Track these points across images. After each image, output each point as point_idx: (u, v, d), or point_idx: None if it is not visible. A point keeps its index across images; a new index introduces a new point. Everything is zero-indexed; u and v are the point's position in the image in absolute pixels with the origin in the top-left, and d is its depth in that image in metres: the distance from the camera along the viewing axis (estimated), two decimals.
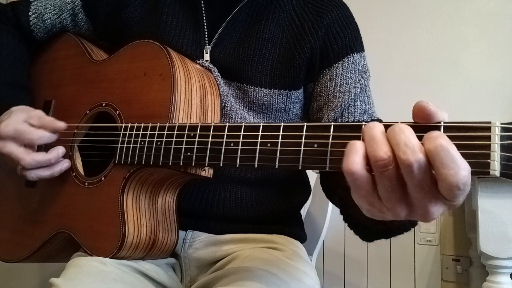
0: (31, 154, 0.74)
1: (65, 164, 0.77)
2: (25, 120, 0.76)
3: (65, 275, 0.68)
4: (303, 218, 0.97)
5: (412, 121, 0.44)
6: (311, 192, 0.98)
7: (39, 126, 0.76)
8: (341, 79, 0.80)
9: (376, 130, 0.41)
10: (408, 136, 0.39)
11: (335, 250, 1.60)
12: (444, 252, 1.50)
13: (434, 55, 1.57)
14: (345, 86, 0.80)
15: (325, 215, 1.13)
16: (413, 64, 1.59)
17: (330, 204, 1.14)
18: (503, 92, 1.46)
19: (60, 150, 0.76)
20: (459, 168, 0.37)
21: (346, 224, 0.67)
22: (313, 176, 1.16)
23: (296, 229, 0.90)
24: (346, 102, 0.79)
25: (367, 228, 0.59)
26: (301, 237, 0.90)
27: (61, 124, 0.77)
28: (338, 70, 0.81)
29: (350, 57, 0.82)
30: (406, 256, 1.52)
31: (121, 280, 0.67)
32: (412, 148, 0.39)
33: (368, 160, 0.41)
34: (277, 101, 0.82)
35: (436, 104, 0.43)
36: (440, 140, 0.38)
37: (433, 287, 1.48)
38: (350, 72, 0.81)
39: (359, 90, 0.80)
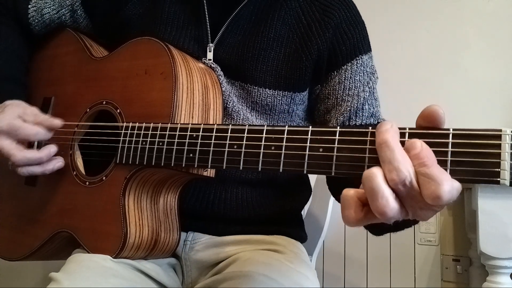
0: (23, 151, 0.72)
1: (58, 163, 0.76)
2: (20, 116, 0.74)
3: (65, 270, 0.67)
4: (303, 218, 0.97)
5: (418, 125, 0.44)
6: (312, 192, 0.98)
7: (35, 123, 0.74)
8: (350, 82, 0.79)
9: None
10: (394, 154, 0.41)
11: (335, 250, 1.60)
12: (444, 252, 1.49)
13: (434, 55, 1.56)
14: (354, 89, 0.79)
15: (325, 216, 1.13)
16: (412, 64, 1.58)
17: (330, 204, 1.14)
18: (504, 92, 1.46)
19: (52, 148, 0.74)
20: (439, 185, 0.39)
21: None
22: (313, 176, 1.15)
23: (297, 229, 0.89)
24: (355, 107, 0.78)
25: (376, 225, 0.61)
26: (302, 237, 0.90)
27: (57, 122, 0.75)
28: (347, 73, 0.79)
29: (359, 59, 0.80)
30: (406, 256, 1.52)
31: (121, 276, 0.67)
32: (397, 167, 0.41)
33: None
34: (281, 103, 0.81)
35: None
36: (424, 168, 0.40)
37: (433, 287, 1.48)
38: (359, 75, 0.80)
39: (367, 93, 0.79)
